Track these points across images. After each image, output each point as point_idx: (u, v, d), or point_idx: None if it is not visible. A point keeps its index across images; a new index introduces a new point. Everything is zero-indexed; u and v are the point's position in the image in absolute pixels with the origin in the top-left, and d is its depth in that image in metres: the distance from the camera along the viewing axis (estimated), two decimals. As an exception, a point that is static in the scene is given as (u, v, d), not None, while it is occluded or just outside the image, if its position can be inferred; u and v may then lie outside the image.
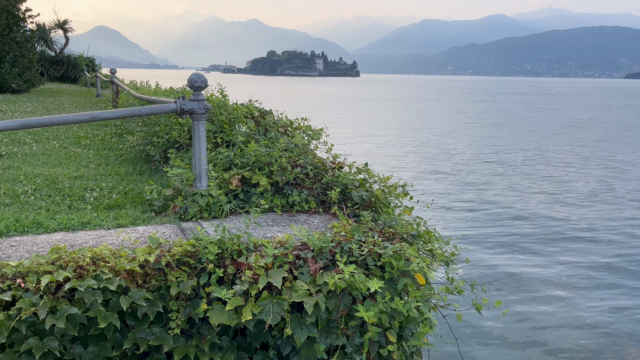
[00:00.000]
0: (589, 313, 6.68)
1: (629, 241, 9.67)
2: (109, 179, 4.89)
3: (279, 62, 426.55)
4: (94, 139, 7.13)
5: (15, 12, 18.85)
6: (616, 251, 9.08)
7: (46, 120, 3.28)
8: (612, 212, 11.84)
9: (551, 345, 5.83)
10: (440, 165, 17.75)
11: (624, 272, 8.11)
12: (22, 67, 18.36)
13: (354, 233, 3.22)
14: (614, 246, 9.38)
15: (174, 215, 3.81)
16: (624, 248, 9.26)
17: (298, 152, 4.54)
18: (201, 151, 3.77)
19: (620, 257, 8.78)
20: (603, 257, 8.73)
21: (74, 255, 2.81)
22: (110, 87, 20.54)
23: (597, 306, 6.90)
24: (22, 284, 2.65)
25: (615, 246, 9.37)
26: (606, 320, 6.49)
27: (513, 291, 7.20)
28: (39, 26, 29.55)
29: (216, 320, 2.77)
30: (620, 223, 10.88)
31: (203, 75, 3.70)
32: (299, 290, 2.80)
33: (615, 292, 7.34)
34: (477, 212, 11.64)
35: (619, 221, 11.04)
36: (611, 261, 8.56)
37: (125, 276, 2.80)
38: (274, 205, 3.97)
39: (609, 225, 10.75)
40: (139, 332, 2.80)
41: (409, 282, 2.82)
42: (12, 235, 3.27)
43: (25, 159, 5.60)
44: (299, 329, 2.80)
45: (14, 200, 3.97)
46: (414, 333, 3.00)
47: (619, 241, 9.66)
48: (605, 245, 9.45)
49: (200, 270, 2.97)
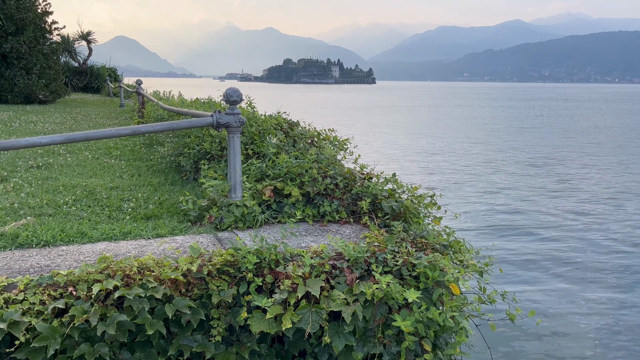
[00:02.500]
0: (627, 322, 6.58)
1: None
2: (143, 189, 5.04)
3: (295, 70, 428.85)
4: (124, 150, 7.33)
5: (42, 24, 19.41)
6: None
7: (91, 134, 3.43)
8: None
9: (587, 356, 5.78)
10: (471, 174, 17.62)
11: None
12: (49, 78, 18.86)
13: (387, 243, 3.30)
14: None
15: (210, 225, 3.92)
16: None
17: (327, 163, 4.63)
18: (236, 163, 3.88)
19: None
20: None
21: (121, 265, 2.94)
22: (132, 96, 20.98)
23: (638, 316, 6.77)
24: (74, 292, 2.78)
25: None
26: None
27: (545, 301, 7.15)
28: (63, 38, 30.29)
29: (257, 328, 2.86)
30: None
31: (238, 90, 3.82)
32: (337, 300, 2.88)
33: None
34: (507, 220, 11.57)
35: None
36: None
37: (169, 285, 2.91)
38: (305, 215, 4.07)
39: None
40: (183, 339, 2.91)
41: (444, 292, 2.89)
42: (58, 245, 3.41)
43: (62, 170, 5.80)
44: (337, 337, 2.87)
45: (57, 211, 4.13)
46: (447, 342, 3.06)
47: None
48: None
49: (239, 279, 3.08)
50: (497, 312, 3.34)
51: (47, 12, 19.71)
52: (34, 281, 2.78)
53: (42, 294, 2.73)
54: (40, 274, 2.88)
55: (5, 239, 3.40)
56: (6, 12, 17.10)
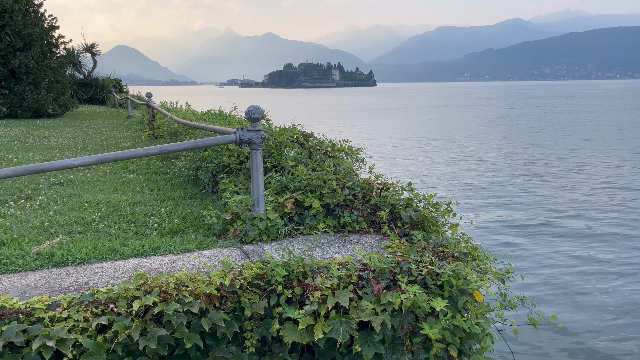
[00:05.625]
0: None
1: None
2: (165, 203, 5.18)
3: (295, 75, 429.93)
4: (139, 163, 7.47)
5: (49, 39, 19.66)
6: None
7: (120, 154, 3.56)
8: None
9: (607, 358, 5.85)
10: (484, 176, 17.67)
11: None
12: (57, 92, 19.09)
13: (409, 253, 3.41)
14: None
15: (235, 238, 4.05)
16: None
17: (344, 174, 4.76)
18: (259, 178, 4.01)
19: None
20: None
21: (157, 281, 3.06)
22: (139, 107, 21.17)
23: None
24: (115, 309, 2.90)
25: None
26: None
27: (566, 305, 7.20)
28: (67, 50, 30.59)
29: (289, 338, 2.98)
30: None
31: (260, 108, 3.96)
32: (366, 310, 3.00)
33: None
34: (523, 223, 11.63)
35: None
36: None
37: (204, 299, 3.04)
38: (326, 226, 4.19)
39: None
40: (218, 350, 3.03)
41: (469, 300, 3.00)
42: (92, 262, 3.54)
43: (83, 187, 5.95)
44: (367, 346, 2.99)
45: (86, 228, 4.26)
46: (471, 348, 3.17)
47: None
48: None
49: (269, 292, 3.20)
50: (518, 317, 3.45)
51: (53, 26, 19.97)
52: (76, 299, 2.91)
53: (85, 311, 2.86)
54: (81, 292, 3.01)
55: (41, 258, 3.54)
56: (14, 28, 17.35)
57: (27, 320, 2.75)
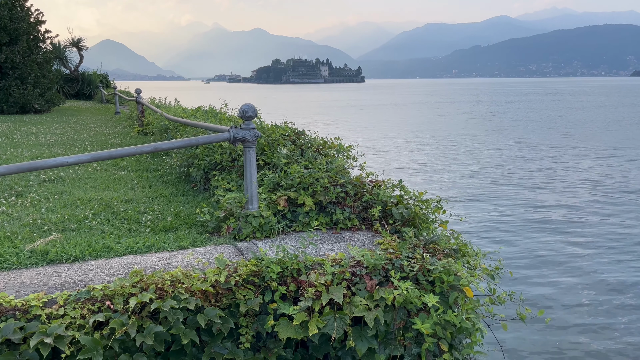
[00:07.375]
0: (633, 320, 6.77)
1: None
2: (157, 201, 5.19)
3: (284, 70, 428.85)
4: (130, 160, 7.45)
5: (36, 34, 19.42)
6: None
7: (115, 152, 3.58)
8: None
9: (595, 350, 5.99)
10: (471, 171, 17.83)
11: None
12: (44, 87, 18.88)
13: (401, 250, 3.48)
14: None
15: (228, 235, 4.09)
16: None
17: (336, 172, 4.81)
18: (252, 176, 4.05)
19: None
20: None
21: (153, 278, 3.09)
22: (127, 102, 21.02)
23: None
24: (111, 306, 2.93)
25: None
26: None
27: (554, 300, 7.34)
28: (54, 45, 30.20)
29: (284, 334, 3.03)
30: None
31: (254, 106, 3.99)
32: (359, 306, 3.06)
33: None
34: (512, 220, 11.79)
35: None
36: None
37: (200, 296, 3.08)
38: (319, 223, 4.24)
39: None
40: (214, 346, 3.08)
41: (460, 296, 3.07)
42: (87, 260, 3.56)
43: (74, 183, 5.93)
44: (360, 341, 3.05)
45: (79, 226, 4.27)
46: (462, 342, 3.25)
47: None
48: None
49: (264, 288, 3.25)
50: (506, 312, 3.53)
51: (39, 21, 19.71)
52: (72, 296, 2.94)
53: (82, 308, 2.88)
54: (77, 289, 3.03)
55: (36, 255, 3.55)
56: (0, 22, 17.12)
57: (24, 317, 2.77)
